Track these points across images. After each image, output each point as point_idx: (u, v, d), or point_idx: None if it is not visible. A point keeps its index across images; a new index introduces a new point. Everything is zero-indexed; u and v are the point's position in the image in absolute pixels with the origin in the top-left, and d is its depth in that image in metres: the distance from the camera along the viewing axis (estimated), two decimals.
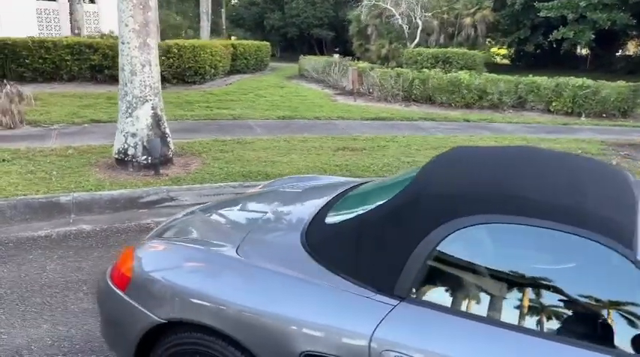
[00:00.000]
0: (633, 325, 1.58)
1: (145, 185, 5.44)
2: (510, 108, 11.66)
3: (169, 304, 2.02)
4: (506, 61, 32.61)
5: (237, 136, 7.84)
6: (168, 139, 6.18)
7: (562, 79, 11.37)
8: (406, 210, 1.93)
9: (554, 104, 11.30)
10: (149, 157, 5.91)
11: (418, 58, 15.67)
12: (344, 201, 2.43)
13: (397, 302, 1.79)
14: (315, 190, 2.96)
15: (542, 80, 11.55)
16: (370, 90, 13.01)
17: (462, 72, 12.15)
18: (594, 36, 19.86)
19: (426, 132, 8.84)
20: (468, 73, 12.12)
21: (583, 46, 25.32)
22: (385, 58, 22.65)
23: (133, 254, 2.24)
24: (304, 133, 8.23)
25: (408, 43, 19.29)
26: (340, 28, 30.75)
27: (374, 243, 1.92)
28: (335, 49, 32.67)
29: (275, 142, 7.50)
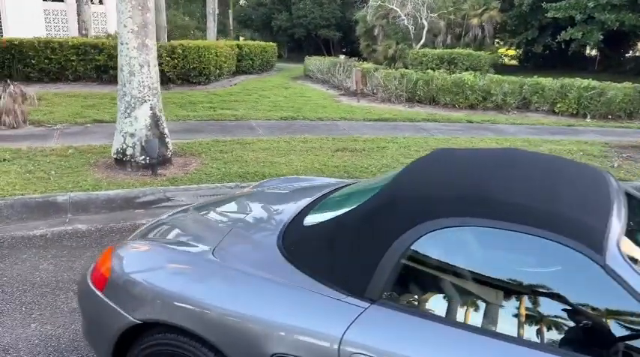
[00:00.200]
0: (600, 330, 1.56)
1: (142, 185, 5.47)
2: (515, 109, 11.58)
3: (144, 304, 2.02)
4: (514, 62, 32.43)
5: (237, 137, 7.85)
6: (167, 140, 6.20)
7: (567, 80, 11.28)
8: (380, 212, 1.92)
9: (559, 105, 11.21)
10: (147, 158, 5.93)
11: (423, 59, 15.62)
12: (324, 203, 2.42)
13: (368, 305, 1.78)
14: (301, 191, 2.95)
15: (546, 81, 11.47)
16: (374, 91, 12.99)
17: (465, 73, 12.09)
18: (603, 37, 19.67)
19: (428, 133, 8.80)
20: (472, 74, 12.06)
21: (592, 47, 25.13)
22: (392, 59, 22.60)
23: (112, 254, 2.25)
24: (305, 134, 8.22)
25: (414, 44, 19.23)
26: (347, 29, 30.77)
27: (347, 245, 1.92)
28: (342, 50, 32.69)
29: (275, 143, 7.50)
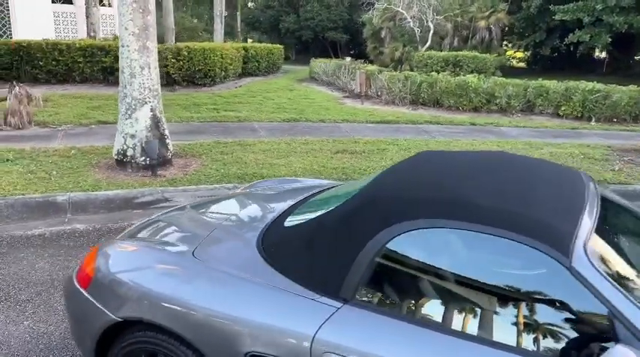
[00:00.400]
0: (566, 331, 1.57)
1: (141, 186, 5.52)
2: (519, 112, 11.54)
3: (125, 303, 2.06)
4: (522, 64, 32.28)
5: (239, 139, 7.90)
6: (167, 141, 6.26)
7: (571, 83, 11.22)
8: (356, 213, 1.95)
9: (564, 108, 11.16)
10: (147, 158, 5.99)
11: (428, 61, 15.61)
12: (307, 204, 2.45)
13: (341, 305, 1.80)
14: (290, 192, 2.98)
15: (551, 84, 11.41)
16: (378, 93, 13.00)
17: (470, 75, 12.06)
18: (611, 39, 19.56)
19: (429, 136, 8.80)
20: (476, 76, 12.03)
21: (600, 50, 24.98)
22: (399, 61, 22.61)
23: (97, 254, 2.29)
24: (306, 136, 8.25)
25: (420, 47, 19.22)
26: (355, 31, 30.80)
27: (323, 246, 1.94)
28: (350, 52, 32.74)
29: (276, 145, 7.54)
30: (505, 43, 29.81)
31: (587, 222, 1.72)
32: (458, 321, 1.70)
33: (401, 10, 19.58)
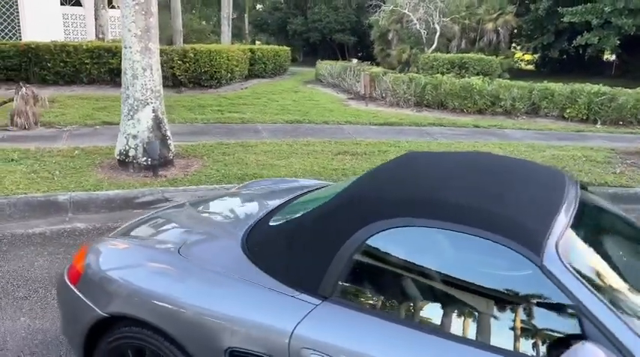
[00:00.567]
0: (538, 329, 1.59)
1: (142, 186, 5.59)
2: (524, 114, 11.50)
3: (112, 299, 2.10)
4: (531, 66, 32.15)
5: (241, 140, 7.95)
6: (169, 142, 6.32)
7: (577, 86, 11.17)
8: (337, 212, 1.98)
9: (569, 111, 11.11)
10: (149, 159, 6.06)
11: (434, 63, 15.60)
12: (293, 204, 2.48)
13: (320, 302, 1.83)
14: (281, 192, 3.01)
15: (556, 86, 11.37)
16: (383, 95, 13.02)
17: (474, 78, 12.04)
18: (620, 42, 19.43)
19: (432, 138, 8.81)
20: (480, 78, 12.01)
21: (609, 52, 24.82)
22: (406, 63, 22.58)
23: (87, 251, 2.34)
24: (309, 138, 8.29)
25: (426, 49, 19.20)
26: (362, 33, 30.79)
27: (304, 244, 1.98)
28: (358, 54, 32.75)
29: (277, 146, 7.58)
30: (514, 45, 29.73)
31: (562, 222, 1.73)
32: (432, 318, 1.73)
33: (407, 12, 19.58)
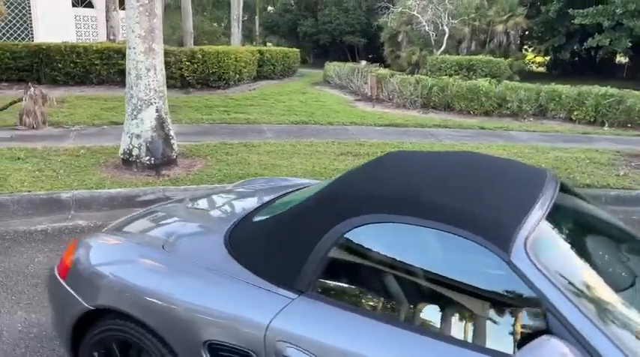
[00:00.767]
0: (505, 324, 1.61)
1: (144, 185, 5.66)
2: (531, 116, 11.45)
3: (96, 292, 2.16)
4: (542, 69, 31.94)
5: (246, 140, 8.01)
6: (172, 141, 6.39)
7: (584, 88, 11.09)
8: (313, 209, 2.01)
9: (576, 113, 11.04)
10: (152, 158, 6.13)
11: (442, 65, 15.58)
12: (278, 201, 2.52)
13: (296, 296, 1.86)
14: (272, 190, 3.04)
15: (563, 88, 11.31)
16: (390, 96, 13.03)
17: (481, 79, 12.01)
18: (631, 44, 19.24)
19: (436, 139, 8.80)
20: (487, 80, 11.98)
21: (621, 54, 24.59)
22: (416, 65, 22.57)
23: (76, 245, 2.39)
24: (313, 138, 8.33)
25: (435, 50, 19.18)
26: (372, 35, 30.82)
27: (282, 240, 2.01)
28: (368, 56, 32.74)
29: (281, 146, 7.63)
30: (525, 47, 29.58)
31: (534, 219, 1.75)
32: (403, 312, 1.75)
33: (416, 14, 19.56)
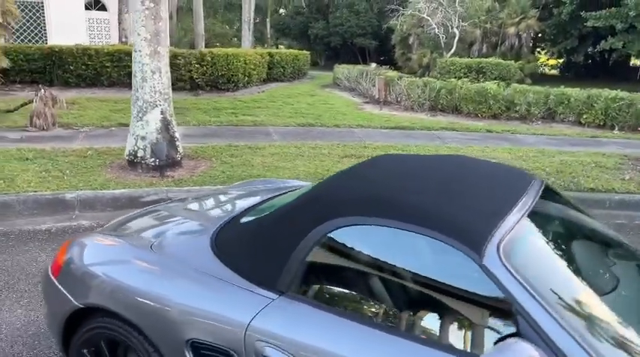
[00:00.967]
0: (478, 327, 1.63)
1: (148, 186, 5.73)
2: (539, 119, 11.37)
3: (86, 290, 2.21)
4: (555, 71, 31.69)
5: (251, 142, 8.06)
6: (177, 143, 6.46)
7: (594, 91, 11.00)
8: (297, 211, 2.05)
9: (585, 116, 10.95)
10: (156, 159, 6.21)
11: (451, 67, 15.54)
12: (266, 203, 2.55)
13: (277, 296, 1.89)
14: (267, 192, 3.08)
15: (572, 92, 11.22)
16: (398, 99, 13.03)
17: (489, 82, 11.96)
18: None
19: (442, 142, 8.79)
20: (496, 83, 11.92)
21: (636, 57, 24.30)
22: (427, 68, 22.53)
23: (69, 245, 2.45)
24: (318, 141, 8.36)
25: (444, 53, 19.13)
26: (384, 38, 30.83)
27: (265, 240, 2.04)
28: (380, 58, 32.75)
29: (285, 149, 7.67)
30: (538, 50, 29.38)
31: (510, 223, 1.76)
32: (381, 314, 1.78)
33: (425, 16, 19.53)
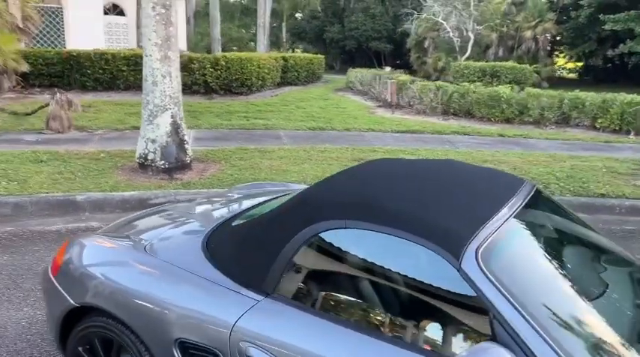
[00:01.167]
0: (455, 330, 1.65)
1: (157, 188, 5.83)
2: (553, 124, 11.26)
3: (81, 290, 2.27)
4: (573, 75, 31.29)
5: (261, 145, 8.14)
6: (187, 146, 6.56)
7: (609, 95, 10.86)
8: (283, 214, 2.08)
9: (601, 121, 10.81)
10: (166, 162, 6.30)
11: (465, 71, 15.47)
12: (259, 206, 2.60)
13: (262, 297, 1.93)
14: (263, 196, 3.12)
15: (587, 96, 11.09)
16: (410, 103, 13.01)
17: (502, 86, 11.88)
18: None
19: (452, 146, 8.76)
20: (510, 87, 11.84)
21: None
22: (442, 71, 22.46)
23: (67, 245, 2.52)
24: (327, 144, 8.39)
25: (459, 57, 19.04)
26: (399, 41, 30.80)
27: (254, 243, 2.09)
28: (396, 62, 32.71)
29: (294, 152, 7.72)
30: (556, 53, 29.06)
31: (492, 228, 1.77)
32: (363, 316, 1.80)
33: (440, 20, 19.47)
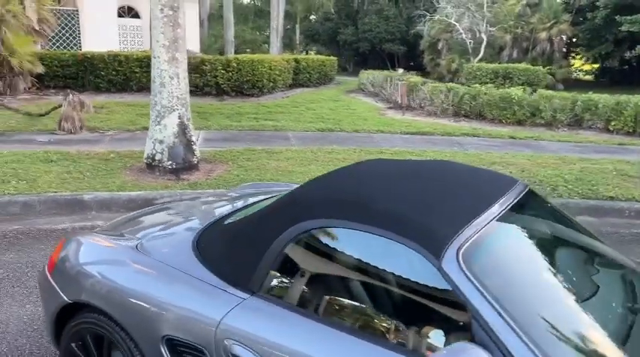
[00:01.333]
0: (432, 330, 1.64)
1: (163, 188, 5.88)
2: (566, 126, 11.13)
3: (73, 286, 2.30)
4: (589, 77, 30.89)
5: (269, 146, 8.17)
6: (194, 147, 6.61)
7: (623, 97, 10.70)
8: (272, 213, 2.09)
9: (614, 123, 10.65)
10: (173, 163, 6.36)
11: (477, 73, 15.36)
12: (252, 205, 2.61)
13: (248, 296, 1.94)
14: (263, 195, 3.14)
15: (600, 98, 10.95)
16: (421, 104, 12.96)
17: (514, 88, 11.78)
18: None
19: (461, 147, 8.70)
20: (522, 88, 11.73)
21: None
22: (455, 73, 22.34)
23: (64, 242, 2.56)
24: (335, 146, 8.40)
25: (472, 58, 18.92)
26: (413, 43, 30.70)
27: (241, 242, 2.10)
28: (409, 64, 32.60)
29: (302, 153, 7.73)
30: (572, 55, 28.73)
31: (475, 228, 1.77)
32: (346, 315, 1.81)
33: (453, 22, 19.37)
